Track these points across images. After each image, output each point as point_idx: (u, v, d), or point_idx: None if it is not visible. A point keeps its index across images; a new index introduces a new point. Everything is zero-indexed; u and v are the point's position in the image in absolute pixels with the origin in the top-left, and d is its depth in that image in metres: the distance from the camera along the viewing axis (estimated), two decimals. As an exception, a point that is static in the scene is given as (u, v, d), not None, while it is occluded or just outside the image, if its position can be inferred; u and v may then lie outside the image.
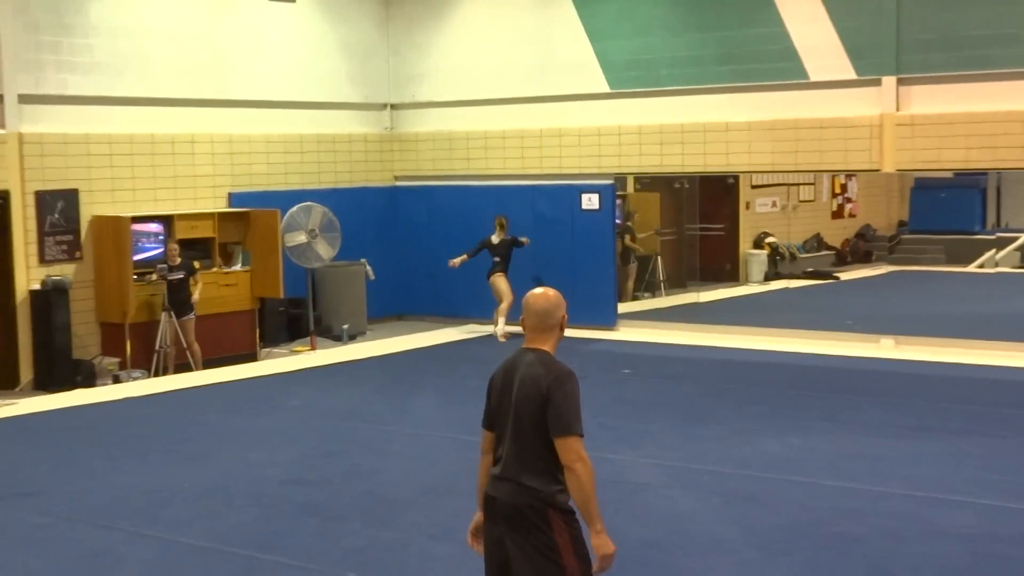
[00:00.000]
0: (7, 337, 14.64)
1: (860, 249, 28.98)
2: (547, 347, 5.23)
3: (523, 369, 5.15)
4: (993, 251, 26.95)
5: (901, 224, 30.03)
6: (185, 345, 14.90)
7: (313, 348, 16.76)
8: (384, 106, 19.35)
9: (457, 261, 16.85)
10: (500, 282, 16.70)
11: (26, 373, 14.67)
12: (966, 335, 15.96)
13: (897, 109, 15.37)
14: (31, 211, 14.71)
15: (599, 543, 5.01)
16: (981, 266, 26.53)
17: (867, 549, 7.83)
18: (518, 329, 16.51)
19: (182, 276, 14.79)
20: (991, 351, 15.11)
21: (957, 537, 8.03)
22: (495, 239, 16.77)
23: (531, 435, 5.07)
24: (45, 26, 14.88)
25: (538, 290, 5.34)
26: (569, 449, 4.98)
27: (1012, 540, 7.96)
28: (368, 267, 17.99)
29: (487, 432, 5.36)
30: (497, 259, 16.76)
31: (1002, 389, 13.04)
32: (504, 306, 16.57)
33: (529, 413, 5.06)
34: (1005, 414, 11.78)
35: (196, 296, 15.00)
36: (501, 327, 16.63)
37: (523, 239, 16.79)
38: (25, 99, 14.66)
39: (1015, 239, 27.26)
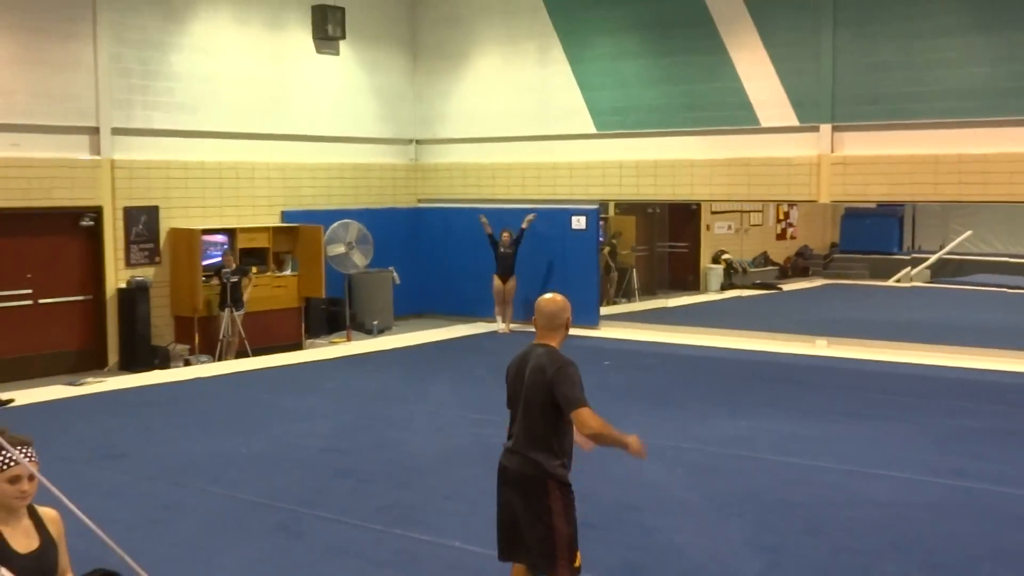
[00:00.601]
0: (98, 326, 14.72)
1: (799, 265, 29.07)
2: (554, 343, 5.24)
3: (533, 361, 5.17)
4: (908, 268, 27.02)
5: (833, 245, 30.15)
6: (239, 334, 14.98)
7: (348, 340, 16.77)
8: (410, 141, 19.37)
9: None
10: (499, 284, 16.93)
11: (113, 356, 14.72)
12: (886, 337, 15.98)
13: (832, 151, 15.38)
14: (120, 223, 14.77)
15: (633, 450, 5.11)
16: (898, 281, 26.60)
17: (804, 512, 7.88)
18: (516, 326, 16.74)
19: (237, 279, 14.82)
20: (907, 351, 15.13)
21: (877, 504, 8.07)
22: (501, 248, 16.90)
23: (538, 417, 5.09)
24: (135, 72, 14.97)
25: (548, 295, 5.36)
26: (579, 420, 5.01)
27: (922, 506, 8.00)
28: (395, 273, 17.97)
29: (511, 411, 5.37)
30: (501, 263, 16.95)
31: (916, 382, 13.06)
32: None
33: (537, 398, 5.08)
34: (918, 402, 11.82)
35: (247, 296, 15.01)
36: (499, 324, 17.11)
37: (529, 216, 16.95)
38: (117, 131, 14.71)
39: (926, 259, 27.32)
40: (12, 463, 3.52)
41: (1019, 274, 25.55)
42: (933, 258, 27.25)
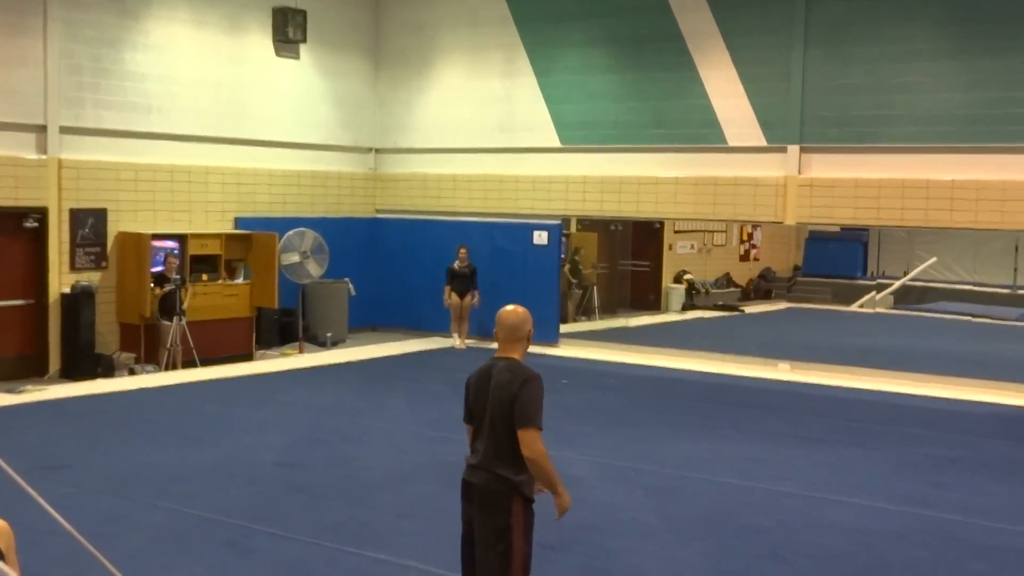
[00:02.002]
0: (39, 332, 14.52)
1: (762, 288, 29.32)
2: (516, 355, 5.27)
3: (496, 376, 5.17)
4: (872, 294, 27.33)
5: (796, 268, 30.43)
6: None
7: (301, 352, 16.70)
8: (369, 150, 19.35)
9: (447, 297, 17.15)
10: (453, 299, 16.98)
11: (55, 363, 14.53)
12: (849, 363, 16.15)
13: (799, 172, 15.54)
14: (65, 225, 14.62)
15: (560, 502, 5.17)
16: (862, 306, 26.89)
17: (767, 537, 7.94)
18: (472, 342, 16.75)
19: (173, 288, 14.68)
20: (869, 377, 15.31)
21: (840, 530, 8.16)
22: (457, 263, 16.94)
23: (503, 432, 5.10)
24: (86, 69, 14.84)
25: (509, 307, 5.38)
26: (526, 439, 5.01)
27: (885, 534, 8.09)
28: (350, 285, 17.93)
29: (468, 426, 5.38)
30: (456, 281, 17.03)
31: (879, 409, 13.20)
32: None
33: (502, 414, 5.09)
34: (880, 430, 11.95)
35: (186, 304, 14.85)
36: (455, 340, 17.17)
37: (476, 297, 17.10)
38: (65, 130, 14.57)
39: (890, 285, 27.65)
40: None
41: (983, 303, 25.95)
42: (897, 284, 27.58)
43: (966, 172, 14.41)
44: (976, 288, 27.24)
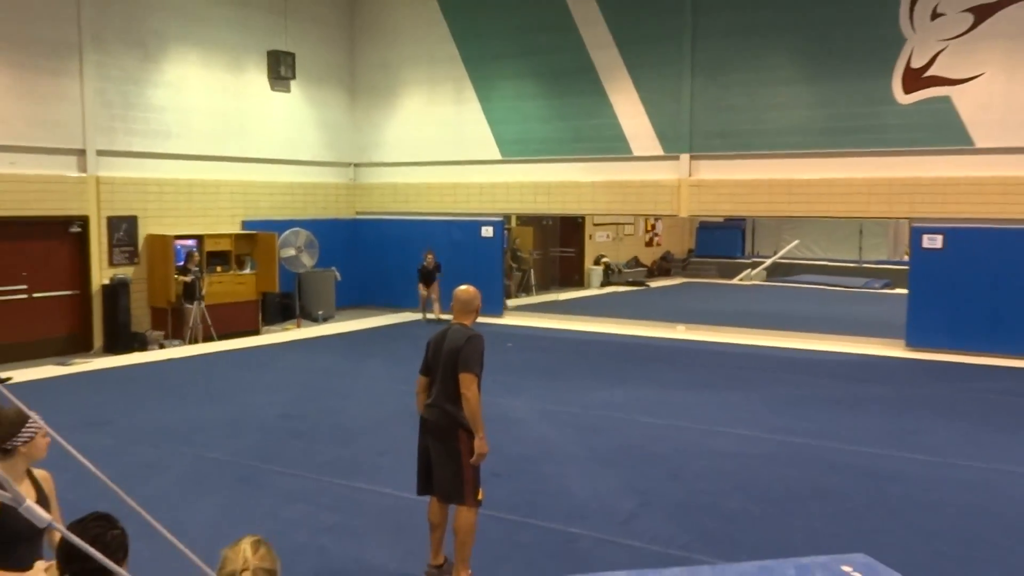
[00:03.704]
0: (85, 316, 14.30)
1: (663, 267, 29.54)
2: (467, 322, 5.40)
3: (450, 336, 5.31)
4: (749, 270, 27.63)
5: (690, 251, 30.68)
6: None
7: (298, 326, 16.57)
8: (349, 164, 19.17)
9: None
10: (423, 290, 16.78)
11: (98, 341, 14.32)
12: (731, 324, 16.34)
13: (690, 175, 15.67)
14: (103, 230, 14.38)
15: (478, 445, 5.19)
16: (741, 279, 27.19)
17: (667, 462, 8.03)
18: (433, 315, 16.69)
19: (194, 278, 14.49)
20: (747, 335, 15.50)
21: (724, 454, 8.28)
22: (424, 263, 16.78)
23: (451, 379, 5.20)
24: (116, 103, 14.58)
25: (463, 287, 5.56)
26: (464, 381, 5.13)
27: (758, 456, 8.23)
28: (336, 272, 17.80)
29: (422, 377, 5.46)
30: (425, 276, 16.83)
31: (753, 359, 13.36)
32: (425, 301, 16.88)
33: (451, 364, 5.20)
34: (755, 375, 12.10)
35: (204, 290, 14.67)
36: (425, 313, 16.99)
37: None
38: (101, 152, 14.31)
39: (762, 262, 27.99)
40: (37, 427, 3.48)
41: (835, 275, 26.38)
42: (768, 262, 27.92)
43: (819, 172, 14.61)
44: (829, 263, 27.67)
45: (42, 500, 3.60)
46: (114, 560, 2.69)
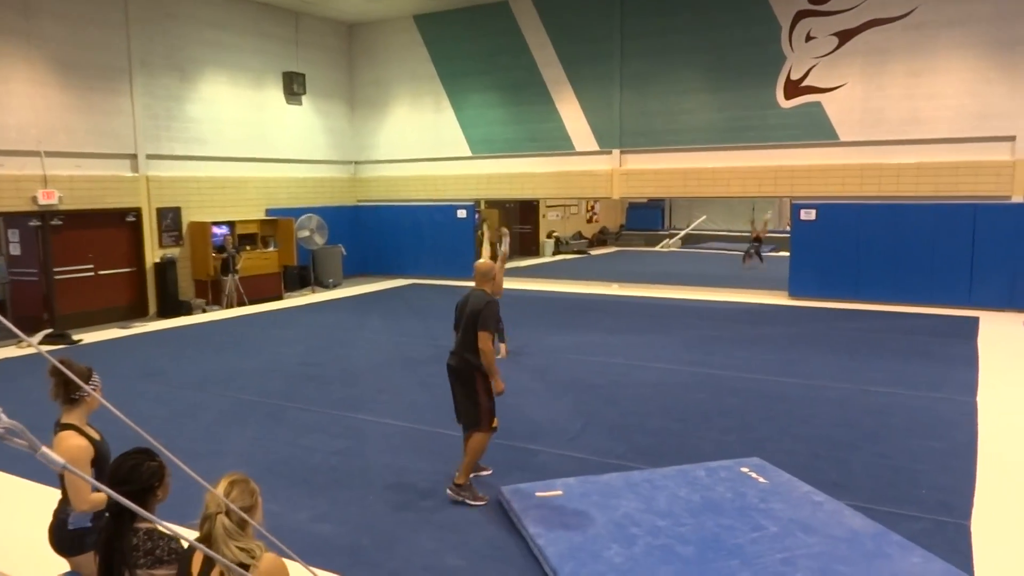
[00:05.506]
0: (141, 288, 13.95)
1: (600, 239, 29.50)
2: (487, 288, 5.36)
3: (472, 298, 5.27)
4: (667, 240, 27.73)
5: (622, 225, 30.68)
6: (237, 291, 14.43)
7: (313, 292, 16.33)
8: (351, 162, 18.83)
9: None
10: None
11: (152, 308, 14.00)
12: (654, 282, 16.41)
13: (620, 166, 15.61)
14: (153, 219, 14.00)
15: (496, 384, 5.18)
16: (661, 247, 27.28)
17: (605, 391, 8.03)
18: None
19: (228, 256, 14.20)
20: (666, 289, 15.54)
21: (648, 383, 8.28)
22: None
23: (471, 333, 5.17)
24: (161, 116, 14.13)
25: (481, 259, 5.56)
26: (481, 337, 5.10)
27: (676, 385, 8.23)
28: (343, 248, 17.54)
29: (455, 332, 5.39)
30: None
31: (671, 308, 13.38)
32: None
33: (471, 322, 5.16)
34: (672, 321, 12.12)
35: (239, 266, 14.44)
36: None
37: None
38: (150, 156, 13.90)
39: (678, 233, 28.09)
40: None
41: (733, 242, 26.54)
42: (682, 233, 28.04)
43: (721, 162, 14.62)
44: (728, 233, 27.85)
45: (103, 436, 3.49)
46: (147, 485, 2.70)
